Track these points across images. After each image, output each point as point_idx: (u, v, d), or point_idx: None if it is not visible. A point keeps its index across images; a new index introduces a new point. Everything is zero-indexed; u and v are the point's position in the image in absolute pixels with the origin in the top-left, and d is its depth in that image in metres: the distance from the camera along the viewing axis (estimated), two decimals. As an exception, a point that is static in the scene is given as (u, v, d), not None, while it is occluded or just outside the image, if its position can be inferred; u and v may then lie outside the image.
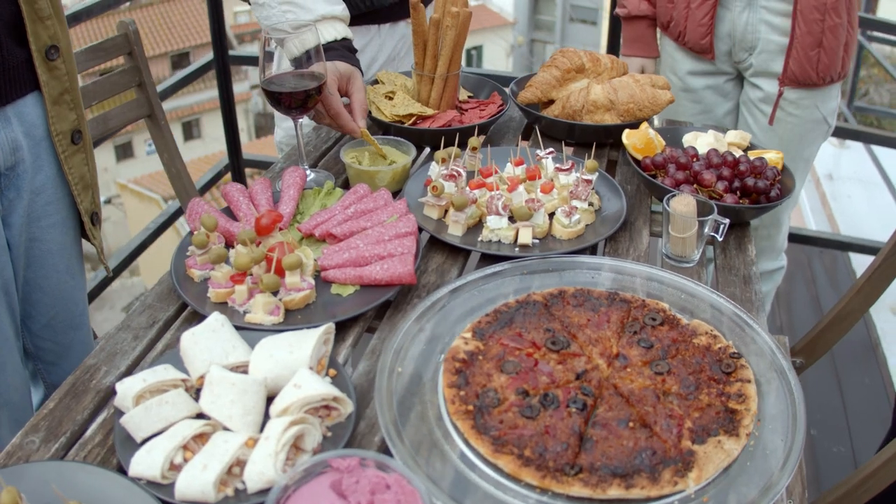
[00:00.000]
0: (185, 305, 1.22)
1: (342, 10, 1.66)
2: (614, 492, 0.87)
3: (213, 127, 13.53)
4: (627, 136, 1.56)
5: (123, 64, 1.92)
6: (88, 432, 0.98)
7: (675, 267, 1.35)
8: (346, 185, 1.59)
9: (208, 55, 3.11)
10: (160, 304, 1.22)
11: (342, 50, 1.62)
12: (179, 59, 14.76)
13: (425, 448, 0.93)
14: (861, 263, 3.16)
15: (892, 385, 2.47)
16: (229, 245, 1.30)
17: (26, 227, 1.35)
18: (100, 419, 0.99)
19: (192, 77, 3.00)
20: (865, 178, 3.47)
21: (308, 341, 0.98)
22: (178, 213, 3.00)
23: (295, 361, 0.96)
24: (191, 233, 1.33)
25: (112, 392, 1.05)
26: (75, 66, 1.34)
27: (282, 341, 1.00)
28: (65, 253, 1.45)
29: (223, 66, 3.16)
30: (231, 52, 3.08)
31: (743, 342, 1.14)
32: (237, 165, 3.52)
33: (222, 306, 1.16)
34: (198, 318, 1.17)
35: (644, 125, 1.61)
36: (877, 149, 3.43)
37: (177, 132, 11.31)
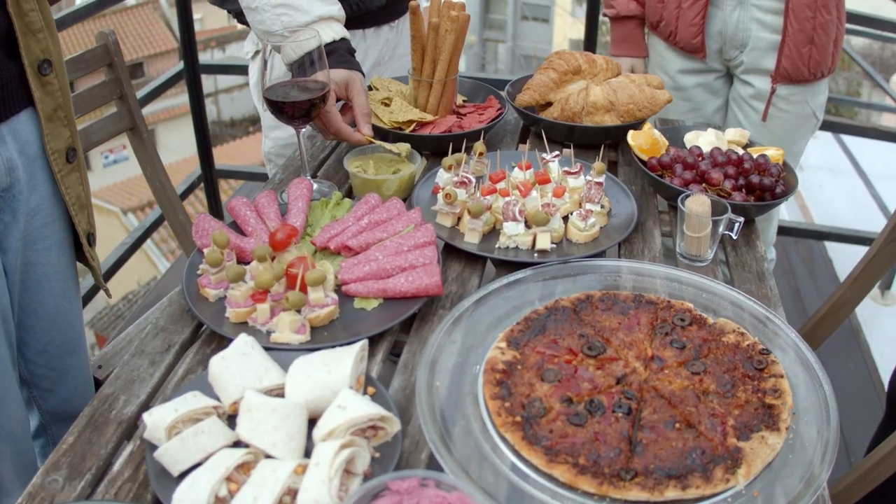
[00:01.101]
0: (199, 327, 1.18)
1: (338, 9, 1.61)
2: (671, 493, 0.87)
3: (169, 137, 13.21)
4: (633, 137, 1.56)
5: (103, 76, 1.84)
6: (116, 467, 0.93)
7: (690, 266, 1.36)
8: (348, 195, 1.55)
9: (168, 64, 3.03)
10: (174, 327, 1.17)
11: (341, 52, 1.58)
12: (133, 70, 14.37)
13: (475, 462, 0.91)
14: (837, 252, 3.25)
15: (877, 370, 2.54)
16: (241, 262, 1.25)
17: (22, 251, 1.29)
18: (126, 452, 0.94)
19: (163, 88, 2.91)
20: (835, 167, 3.58)
21: (346, 360, 0.95)
22: (155, 224, 2.91)
23: (334, 382, 0.93)
24: (198, 250, 1.28)
25: (135, 422, 1.00)
26: (67, 81, 1.28)
27: (317, 361, 0.96)
28: (61, 276, 1.39)
29: (194, 75, 3.08)
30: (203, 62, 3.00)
31: (766, 337, 1.14)
32: (210, 176, 3.44)
33: (242, 326, 1.12)
34: (216, 339, 1.13)
35: (647, 126, 1.61)
36: (845, 137, 3.53)
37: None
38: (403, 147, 1.53)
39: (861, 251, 3.07)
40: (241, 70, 3.65)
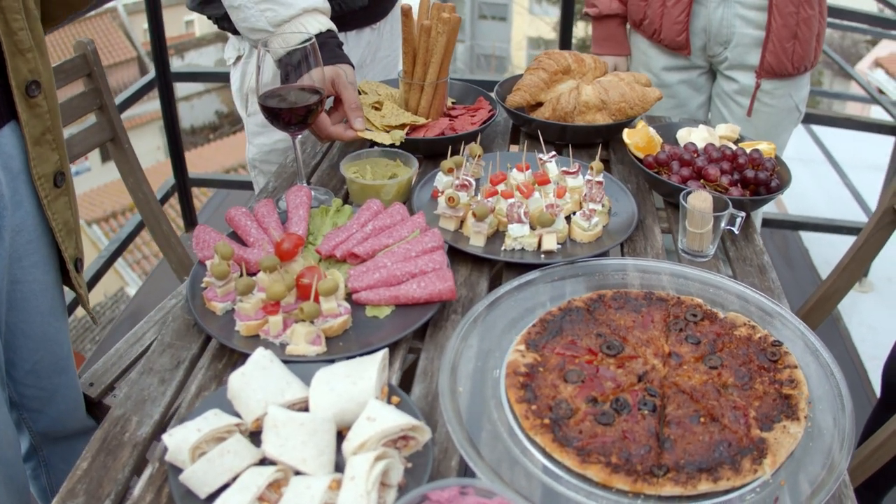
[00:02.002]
0: (207, 341, 1.15)
1: (323, 1, 1.57)
2: (704, 486, 0.88)
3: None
4: (629, 136, 1.57)
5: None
6: (136, 491, 0.89)
7: (692, 262, 1.37)
8: (345, 201, 1.53)
9: (127, 73, 2.96)
10: (180, 343, 1.14)
11: (330, 45, 1.53)
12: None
13: (506, 466, 0.91)
14: (812, 241, 3.32)
15: (859, 356, 2.61)
16: (247, 273, 1.22)
17: (8, 269, 1.24)
18: (146, 475, 0.91)
19: (136, 97, 2.84)
20: (807, 158, 3.66)
21: (370, 370, 0.93)
22: (131, 235, 2.84)
23: (360, 393, 0.91)
24: (200, 263, 1.24)
25: (150, 443, 0.97)
26: (57, 103, 1.24)
27: (339, 372, 0.94)
28: (48, 294, 1.34)
29: (165, 82, 3.01)
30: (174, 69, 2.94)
31: (775, 329, 1.16)
32: (184, 185, 3.37)
33: (253, 340, 1.09)
34: (226, 354, 1.10)
35: (641, 124, 1.62)
36: (816, 127, 3.62)
37: (93, 154, 10.73)
38: (397, 136, 1.52)
39: (837, 240, 3.17)
40: (214, 77, 3.60)
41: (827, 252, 3.13)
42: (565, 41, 3.14)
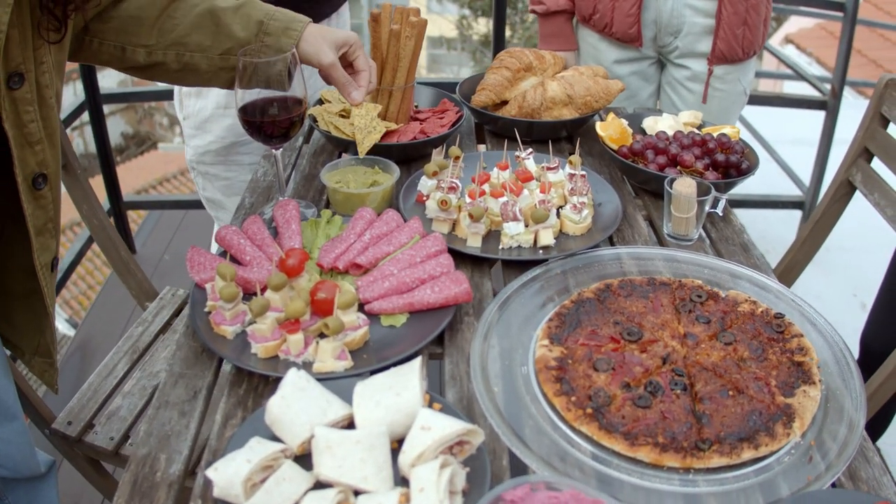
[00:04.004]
0: (219, 368, 1.10)
1: None
2: (747, 454, 0.92)
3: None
4: (603, 129, 1.62)
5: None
6: (182, 532, 0.85)
7: (678, 246, 1.42)
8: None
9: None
10: (192, 372, 1.08)
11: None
12: None
13: (557, 459, 0.92)
14: (747, 219, 3.50)
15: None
16: (246, 294, 1.18)
17: None
18: (189, 514, 0.87)
19: (66, 122, 2.68)
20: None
21: (412, 380, 0.92)
22: (73, 264, 2.68)
23: (406, 403, 0.90)
24: (197, 286, 1.19)
25: (184, 480, 0.92)
26: (60, 191, 1.17)
27: (379, 385, 0.92)
28: None
29: (95, 105, 2.86)
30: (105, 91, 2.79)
31: (770, 302, 1.22)
32: (118, 209, 3.21)
33: (272, 361, 1.05)
34: (243, 378, 1.06)
35: (611, 116, 1.67)
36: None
37: None
38: (370, 173, 1.49)
39: (770, 214, 3.35)
40: (145, 97, 3.44)
41: (763, 227, 3.30)
42: (499, 40, 3.20)
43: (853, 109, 2.94)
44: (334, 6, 1.95)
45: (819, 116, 3.04)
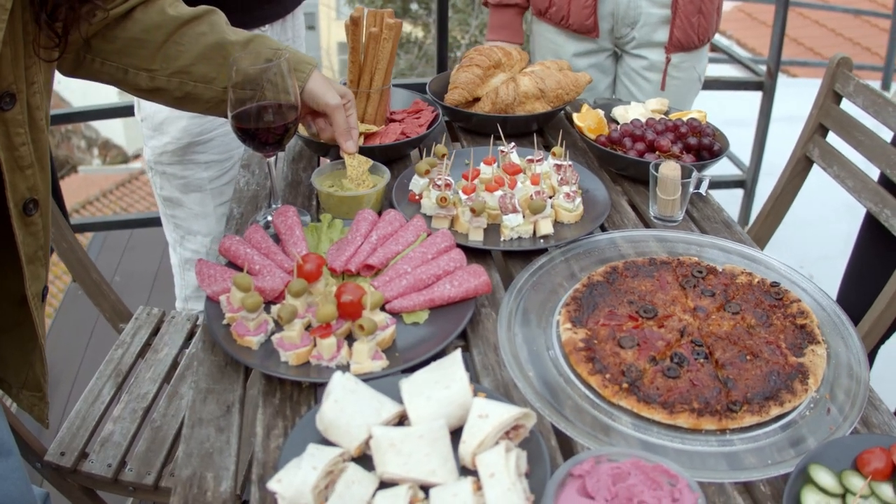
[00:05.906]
0: (245, 379, 1.08)
1: None
2: (775, 411, 0.99)
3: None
4: (580, 120, 1.67)
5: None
6: (248, 545, 0.84)
7: (665, 227, 1.49)
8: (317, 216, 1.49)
9: None
10: (219, 386, 1.06)
11: None
12: None
13: (602, 434, 0.96)
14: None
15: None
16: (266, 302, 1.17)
17: None
18: (251, 527, 0.86)
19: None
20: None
21: (457, 372, 0.94)
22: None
23: (456, 395, 0.91)
24: (209, 299, 1.17)
25: (237, 496, 0.91)
26: (50, 219, 1.12)
27: (424, 380, 0.94)
28: None
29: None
30: (59, 111, 2.65)
31: (762, 273, 1.30)
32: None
33: (304, 368, 1.05)
34: (276, 387, 1.05)
35: (585, 107, 1.73)
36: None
37: None
38: (365, 161, 1.49)
39: (722, 194, 3.53)
40: (94, 115, 3.27)
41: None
42: (442, 41, 3.24)
43: (786, 88, 3.13)
44: (287, 7, 1.94)
45: (755, 97, 3.22)
